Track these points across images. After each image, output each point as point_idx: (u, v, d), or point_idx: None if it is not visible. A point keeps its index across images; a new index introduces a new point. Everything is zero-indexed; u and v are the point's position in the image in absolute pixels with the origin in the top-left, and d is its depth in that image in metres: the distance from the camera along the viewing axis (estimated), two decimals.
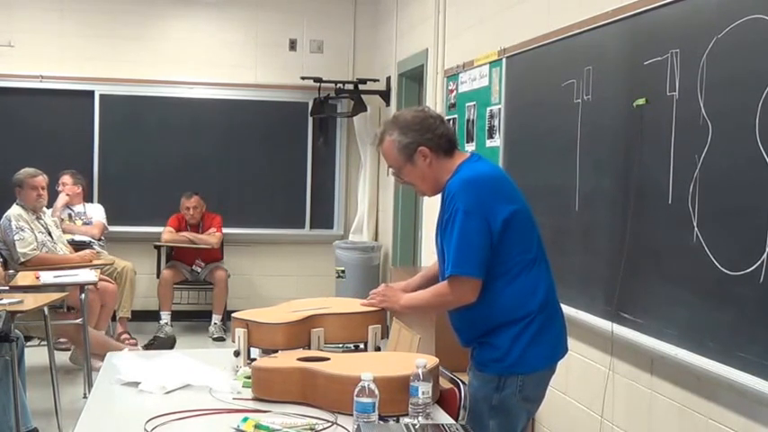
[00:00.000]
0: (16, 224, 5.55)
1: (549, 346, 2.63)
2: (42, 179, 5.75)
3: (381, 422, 2.12)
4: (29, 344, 4.79)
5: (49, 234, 5.80)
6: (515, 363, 2.55)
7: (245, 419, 2.16)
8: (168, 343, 6.55)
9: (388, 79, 7.29)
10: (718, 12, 2.70)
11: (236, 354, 2.68)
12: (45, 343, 4.84)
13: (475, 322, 2.62)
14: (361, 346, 2.83)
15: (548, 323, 2.62)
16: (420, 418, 2.16)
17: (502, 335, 2.56)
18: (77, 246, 6.36)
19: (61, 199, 6.80)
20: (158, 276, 7.27)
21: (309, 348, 2.69)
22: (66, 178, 6.94)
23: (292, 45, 7.89)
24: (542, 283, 2.63)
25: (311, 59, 7.85)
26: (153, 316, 7.17)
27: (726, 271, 2.61)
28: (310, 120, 7.82)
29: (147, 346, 6.37)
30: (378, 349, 2.82)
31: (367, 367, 2.20)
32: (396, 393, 2.20)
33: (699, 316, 2.77)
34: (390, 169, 2.78)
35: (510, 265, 2.56)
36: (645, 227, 3.10)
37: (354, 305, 2.92)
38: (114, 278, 6.45)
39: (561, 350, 2.71)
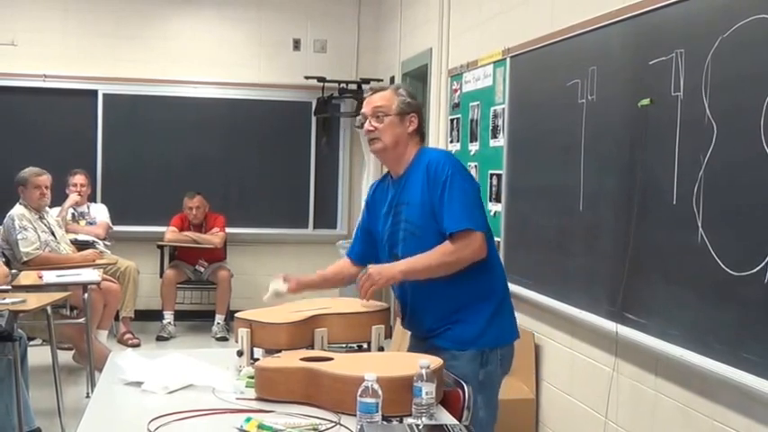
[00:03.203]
0: (19, 223, 5.55)
1: (513, 318, 2.87)
2: (46, 178, 5.75)
3: (385, 422, 2.11)
4: (32, 343, 4.79)
5: (53, 233, 5.80)
6: (497, 336, 2.75)
7: (249, 420, 2.16)
8: None
9: (392, 79, 7.27)
10: (722, 12, 2.69)
11: (240, 354, 2.68)
12: (48, 343, 4.83)
13: (452, 296, 2.72)
14: (365, 346, 2.83)
15: (508, 297, 2.86)
16: (423, 419, 2.16)
17: (476, 310, 2.72)
18: (80, 245, 6.35)
19: (72, 199, 6.80)
20: (161, 276, 7.27)
21: (313, 348, 2.69)
22: (82, 179, 6.94)
23: (296, 45, 7.90)
24: (502, 267, 2.88)
25: (315, 59, 7.86)
26: (156, 316, 7.18)
27: (730, 271, 2.60)
28: (314, 119, 7.82)
29: None
30: (381, 349, 2.81)
31: (370, 367, 2.20)
32: (399, 394, 2.20)
33: (703, 317, 2.76)
34: (363, 113, 2.85)
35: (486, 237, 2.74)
36: (649, 227, 3.09)
37: (358, 305, 2.92)
38: (117, 278, 6.45)
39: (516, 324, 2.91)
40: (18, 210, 5.64)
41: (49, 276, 5.04)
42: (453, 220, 2.64)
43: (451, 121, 5.47)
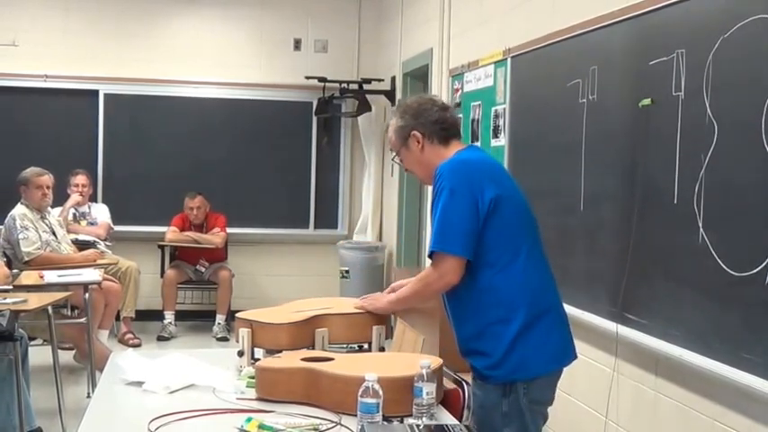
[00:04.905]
0: (21, 223, 5.55)
1: (545, 346, 2.51)
2: (48, 178, 5.76)
3: (385, 423, 2.11)
4: (32, 343, 4.79)
5: (54, 233, 5.81)
6: (515, 368, 2.45)
7: (249, 420, 2.16)
8: None
9: (393, 79, 7.28)
10: (724, 12, 2.69)
11: (240, 354, 2.68)
12: (49, 342, 4.83)
13: (468, 317, 2.51)
14: (366, 346, 2.83)
15: (546, 323, 2.51)
16: (424, 419, 2.16)
17: (494, 337, 2.45)
18: (81, 245, 6.35)
19: (73, 199, 6.80)
20: (162, 276, 7.28)
21: (313, 348, 2.69)
22: (83, 179, 6.95)
23: (297, 45, 7.90)
24: (534, 279, 2.52)
25: (316, 59, 7.85)
26: (157, 316, 7.18)
27: (731, 272, 2.60)
28: (315, 119, 7.82)
29: None
30: (382, 350, 2.81)
31: (371, 368, 2.20)
32: (400, 394, 2.20)
33: (704, 317, 2.76)
34: (395, 156, 2.75)
35: (499, 254, 2.46)
36: (650, 227, 3.09)
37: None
38: (118, 278, 6.44)
39: (569, 354, 2.62)
40: (19, 209, 5.64)
41: (51, 276, 5.04)
42: (431, 241, 2.49)
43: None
